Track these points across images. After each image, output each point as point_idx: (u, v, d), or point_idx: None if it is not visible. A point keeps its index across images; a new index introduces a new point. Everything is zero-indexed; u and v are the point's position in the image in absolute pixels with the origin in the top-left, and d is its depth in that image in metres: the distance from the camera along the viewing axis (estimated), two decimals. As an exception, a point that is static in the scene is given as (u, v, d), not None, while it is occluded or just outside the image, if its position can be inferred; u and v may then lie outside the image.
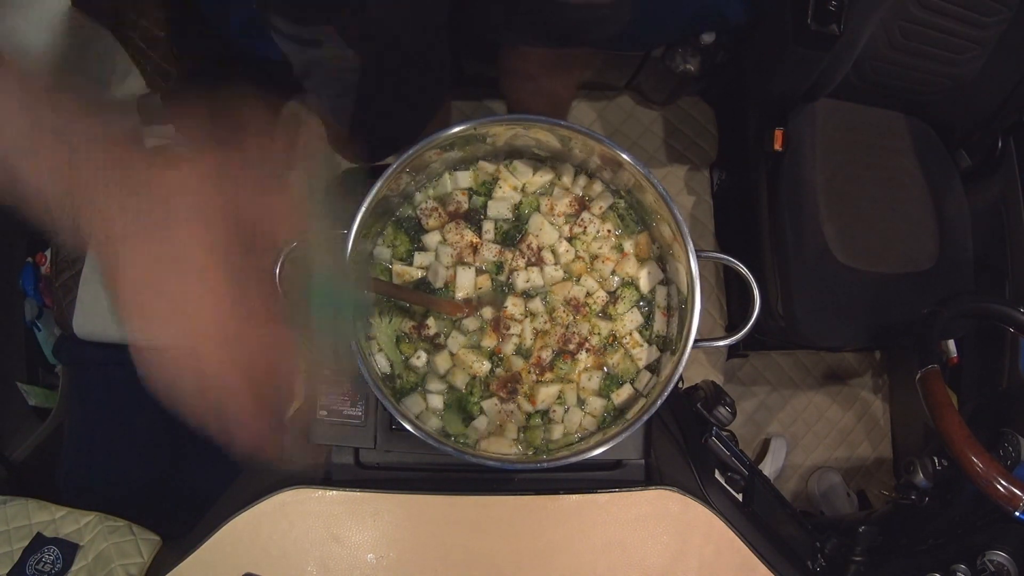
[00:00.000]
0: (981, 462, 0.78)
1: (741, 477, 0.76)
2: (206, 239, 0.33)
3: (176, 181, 0.34)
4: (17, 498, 0.93)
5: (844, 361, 1.63)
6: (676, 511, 0.69)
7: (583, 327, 0.62)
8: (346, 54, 0.70)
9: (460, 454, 0.55)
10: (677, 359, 0.56)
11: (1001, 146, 1.23)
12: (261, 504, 0.67)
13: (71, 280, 1.23)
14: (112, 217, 0.33)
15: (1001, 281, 1.23)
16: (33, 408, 1.36)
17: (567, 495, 0.68)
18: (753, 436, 1.58)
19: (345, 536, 0.66)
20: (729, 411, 0.76)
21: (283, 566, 0.66)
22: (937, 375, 0.89)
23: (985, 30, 1.12)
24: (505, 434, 0.60)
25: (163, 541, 0.90)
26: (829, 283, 1.15)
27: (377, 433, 0.67)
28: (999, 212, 1.23)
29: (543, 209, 0.63)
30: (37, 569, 0.85)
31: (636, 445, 0.69)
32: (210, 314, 0.33)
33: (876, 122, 1.25)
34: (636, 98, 1.55)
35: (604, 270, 0.62)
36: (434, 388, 0.60)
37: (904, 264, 1.19)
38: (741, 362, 1.58)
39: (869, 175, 1.22)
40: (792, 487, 1.57)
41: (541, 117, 0.55)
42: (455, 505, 0.67)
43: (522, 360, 0.61)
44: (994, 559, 0.78)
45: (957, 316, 0.98)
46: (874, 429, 1.61)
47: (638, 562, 0.68)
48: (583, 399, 0.61)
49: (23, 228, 1.37)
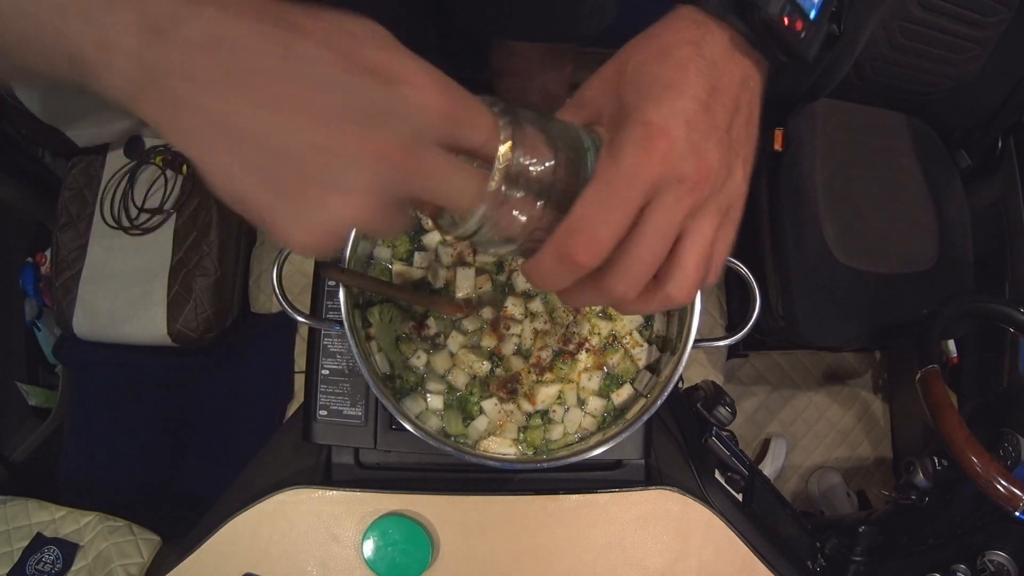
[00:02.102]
0: (981, 462, 0.78)
1: (741, 477, 0.77)
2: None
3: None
4: (17, 498, 0.93)
5: (844, 361, 1.63)
6: (676, 511, 0.69)
7: (583, 327, 0.62)
8: None
9: (460, 454, 0.55)
10: (677, 359, 0.56)
11: (1001, 146, 1.23)
12: (261, 504, 0.67)
13: (71, 280, 1.23)
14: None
15: (1001, 281, 1.23)
16: (33, 408, 1.36)
17: (567, 495, 0.68)
18: (753, 436, 1.58)
19: (345, 536, 0.66)
20: (729, 411, 0.76)
21: (283, 566, 0.66)
22: (937, 375, 0.89)
23: (985, 30, 1.12)
24: (505, 434, 0.60)
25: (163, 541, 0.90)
26: (829, 283, 1.15)
27: (377, 433, 0.67)
28: (999, 212, 1.23)
29: (543, 209, 0.63)
30: (37, 569, 0.85)
31: (636, 445, 0.69)
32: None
33: (876, 122, 1.25)
34: (636, 98, 1.55)
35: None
36: (434, 388, 0.60)
37: (904, 264, 1.19)
38: (741, 362, 1.58)
39: (869, 175, 1.22)
40: (792, 487, 1.57)
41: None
42: (455, 505, 0.67)
43: (522, 360, 0.61)
44: (994, 559, 0.78)
45: (957, 316, 0.98)
46: (874, 429, 1.61)
47: (638, 562, 0.68)
48: (583, 399, 0.61)
49: (23, 228, 1.37)
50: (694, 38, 0.33)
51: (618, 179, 0.30)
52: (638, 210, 0.31)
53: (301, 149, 0.25)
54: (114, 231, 1.24)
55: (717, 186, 0.32)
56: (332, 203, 0.26)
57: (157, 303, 1.20)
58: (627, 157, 0.30)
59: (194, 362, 1.32)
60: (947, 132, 1.29)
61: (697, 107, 0.32)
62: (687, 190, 0.31)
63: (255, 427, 1.31)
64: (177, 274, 1.22)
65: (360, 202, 0.26)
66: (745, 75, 0.35)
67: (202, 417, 1.33)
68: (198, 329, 1.21)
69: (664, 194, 0.31)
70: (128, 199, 1.25)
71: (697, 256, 0.32)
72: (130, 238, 1.24)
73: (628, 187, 0.30)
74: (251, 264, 1.39)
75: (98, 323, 1.21)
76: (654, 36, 0.34)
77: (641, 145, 0.30)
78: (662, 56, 0.33)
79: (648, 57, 0.33)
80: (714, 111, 0.32)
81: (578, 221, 0.30)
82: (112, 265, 1.23)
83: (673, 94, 0.31)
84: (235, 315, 1.31)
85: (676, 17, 0.35)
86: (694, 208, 0.32)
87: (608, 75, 0.36)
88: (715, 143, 0.32)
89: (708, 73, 0.33)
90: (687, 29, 0.34)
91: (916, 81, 1.19)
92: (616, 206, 0.30)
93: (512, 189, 0.30)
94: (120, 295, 1.21)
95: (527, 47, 1.00)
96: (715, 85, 0.33)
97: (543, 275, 0.32)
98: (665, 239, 0.32)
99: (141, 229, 1.24)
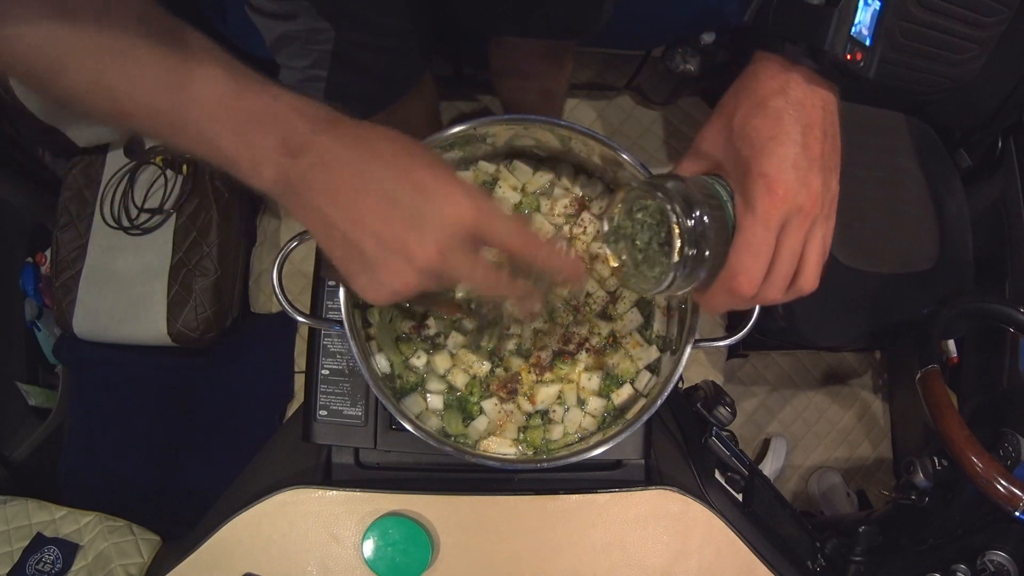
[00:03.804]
0: (981, 462, 0.78)
1: (741, 477, 0.77)
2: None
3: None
4: (17, 498, 0.93)
5: (844, 361, 1.63)
6: (676, 511, 0.69)
7: (583, 327, 0.62)
8: (320, 27, 0.70)
9: (460, 454, 0.55)
10: (677, 359, 0.56)
11: (1001, 146, 1.23)
12: (261, 504, 0.67)
13: (71, 280, 1.23)
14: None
15: (1001, 281, 1.23)
16: (33, 408, 1.36)
17: (567, 495, 0.68)
18: (753, 436, 1.58)
19: (345, 536, 0.66)
20: (729, 411, 0.76)
21: (283, 566, 0.66)
22: (937, 375, 0.89)
23: (985, 30, 1.12)
24: (505, 434, 0.60)
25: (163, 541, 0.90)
26: (829, 283, 1.14)
27: (377, 433, 0.67)
28: (999, 212, 1.23)
29: (543, 209, 0.63)
30: (37, 569, 0.85)
31: (636, 445, 0.69)
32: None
33: (876, 122, 1.25)
34: (636, 98, 1.55)
35: (604, 270, 0.62)
36: (434, 388, 0.60)
37: (904, 264, 1.19)
38: (741, 362, 1.58)
39: (869, 175, 1.22)
40: (792, 487, 1.57)
41: (541, 117, 0.55)
42: (455, 505, 0.67)
43: (522, 360, 0.61)
44: (994, 559, 0.78)
45: (957, 316, 0.98)
46: (874, 429, 1.61)
47: (638, 562, 0.68)
48: (583, 399, 0.61)
49: (23, 228, 1.37)
50: (780, 87, 0.42)
51: (757, 226, 0.41)
52: (775, 243, 0.42)
53: (368, 241, 0.37)
54: (114, 231, 1.24)
55: (822, 201, 0.43)
56: (385, 277, 0.38)
57: (157, 303, 1.20)
58: (759, 207, 0.41)
59: (194, 362, 1.32)
60: (947, 132, 1.29)
61: (797, 150, 0.41)
62: (804, 216, 0.42)
63: (255, 427, 1.31)
64: (177, 274, 1.22)
65: (408, 280, 0.38)
66: (824, 103, 0.43)
67: (202, 417, 1.33)
68: (198, 329, 1.21)
69: (789, 225, 0.42)
70: (128, 199, 1.25)
71: (817, 255, 0.44)
72: (130, 238, 1.24)
73: (766, 230, 0.41)
74: (251, 264, 1.39)
75: (98, 323, 1.21)
76: (749, 91, 0.43)
77: (766, 195, 0.41)
78: (760, 109, 0.42)
79: (749, 112, 0.43)
80: (810, 146, 0.41)
81: (739, 265, 0.42)
82: (112, 265, 1.23)
83: (777, 145, 0.41)
84: (235, 315, 1.31)
85: (761, 67, 0.43)
86: (812, 224, 0.43)
87: (717, 128, 0.45)
88: (815, 172, 0.42)
89: (798, 116, 0.42)
90: (774, 79, 0.42)
91: (916, 81, 1.19)
92: (762, 250, 0.41)
93: (691, 248, 0.41)
94: (120, 295, 1.21)
95: (526, 46, 1.00)
96: (805, 123, 0.42)
97: (716, 305, 0.45)
98: (796, 255, 0.43)
99: (141, 229, 1.24)
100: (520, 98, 1.14)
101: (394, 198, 0.37)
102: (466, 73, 1.35)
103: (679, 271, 0.41)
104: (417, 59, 0.85)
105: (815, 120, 0.42)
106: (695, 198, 0.41)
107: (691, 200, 0.41)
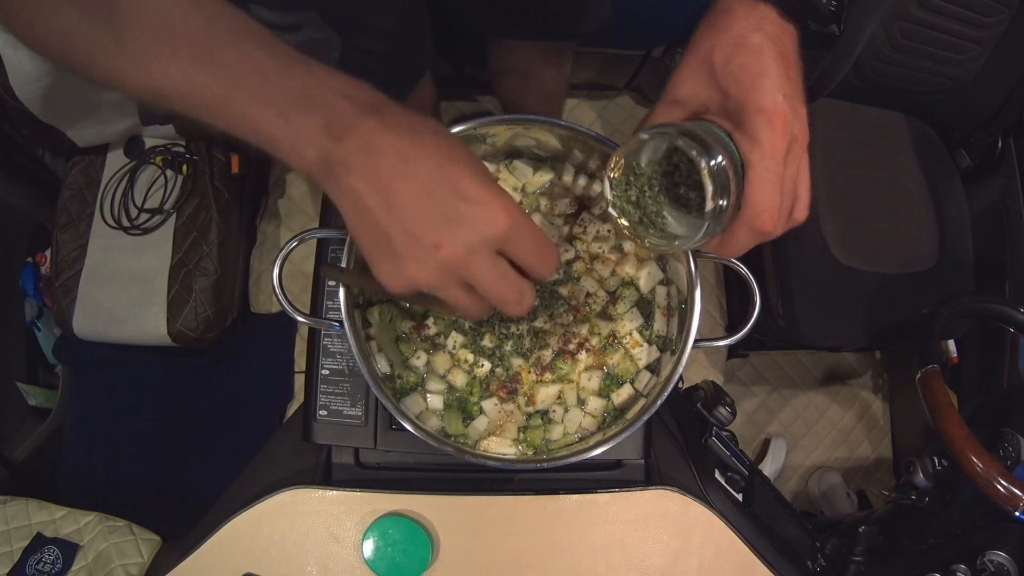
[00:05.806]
0: (981, 462, 0.78)
1: (741, 477, 0.77)
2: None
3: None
4: (17, 498, 0.93)
5: (844, 361, 1.63)
6: (676, 511, 0.69)
7: (583, 327, 0.62)
8: (325, 36, 0.70)
9: (460, 454, 0.55)
10: (677, 359, 0.56)
11: (1001, 146, 1.23)
12: (261, 504, 0.67)
13: (71, 280, 1.23)
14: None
15: (1001, 281, 1.23)
16: (33, 408, 1.36)
17: (567, 495, 0.68)
18: (753, 436, 1.58)
19: (345, 536, 0.66)
20: (729, 411, 0.76)
21: (283, 566, 0.66)
22: (937, 375, 0.89)
23: (985, 30, 1.12)
24: (505, 434, 0.60)
25: (163, 541, 0.90)
26: (829, 283, 1.15)
27: (377, 433, 0.67)
28: (999, 212, 1.23)
29: (543, 209, 0.63)
30: (37, 569, 0.85)
31: (636, 445, 0.69)
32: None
33: (876, 122, 1.25)
34: (636, 98, 1.55)
35: (604, 270, 0.62)
36: (434, 388, 0.60)
37: (904, 264, 1.19)
38: (741, 362, 1.58)
39: (869, 175, 1.22)
40: (792, 487, 1.57)
41: (541, 117, 0.55)
42: (455, 505, 0.67)
43: (522, 360, 0.61)
44: (994, 559, 0.78)
45: (957, 316, 0.98)
46: (874, 429, 1.61)
47: (638, 562, 0.68)
48: (583, 399, 0.61)
49: (23, 228, 1.37)
50: (757, 23, 0.42)
51: (768, 160, 0.41)
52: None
53: (399, 232, 0.37)
54: (114, 231, 1.24)
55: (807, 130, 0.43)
56: (410, 269, 0.38)
57: (157, 303, 1.20)
58: (766, 142, 0.40)
59: (194, 362, 1.32)
60: (947, 132, 1.29)
61: (784, 82, 0.41)
62: (800, 145, 0.42)
63: (255, 427, 1.31)
64: (177, 274, 1.22)
65: (429, 274, 0.38)
66: (791, 37, 0.44)
67: (202, 417, 1.34)
68: (198, 329, 1.21)
69: (790, 155, 0.41)
70: (128, 199, 1.25)
71: (807, 182, 0.44)
72: (130, 238, 1.24)
73: (777, 163, 0.41)
74: (251, 264, 1.39)
75: (98, 323, 1.21)
76: (723, 28, 0.43)
77: (769, 128, 0.40)
78: (740, 47, 0.42)
79: (731, 51, 0.42)
80: (792, 78, 0.42)
81: (760, 202, 0.41)
82: (112, 265, 1.23)
83: (766, 79, 0.41)
84: (235, 315, 1.31)
85: (735, 3, 0.43)
86: (803, 152, 0.43)
87: (694, 70, 0.45)
88: (800, 102, 0.42)
89: (776, 50, 0.42)
90: (747, 16, 0.43)
91: (916, 81, 1.19)
92: (777, 183, 0.41)
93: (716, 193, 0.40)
94: (120, 295, 1.21)
95: (525, 46, 1.00)
96: (783, 56, 0.42)
97: (739, 246, 0.44)
98: (794, 184, 0.43)
99: (141, 229, 1.24)
100: (520, 98, 1.14)
101: (432, 192, 0.37)
102: (466, 73, 1.35)
103: (709, 219, 0.41)
104: (419, 60, 0.85)
105: (789, 53, 0.43)
106: (708, 141, 0.40)
107: (706, 144, 0.40)
